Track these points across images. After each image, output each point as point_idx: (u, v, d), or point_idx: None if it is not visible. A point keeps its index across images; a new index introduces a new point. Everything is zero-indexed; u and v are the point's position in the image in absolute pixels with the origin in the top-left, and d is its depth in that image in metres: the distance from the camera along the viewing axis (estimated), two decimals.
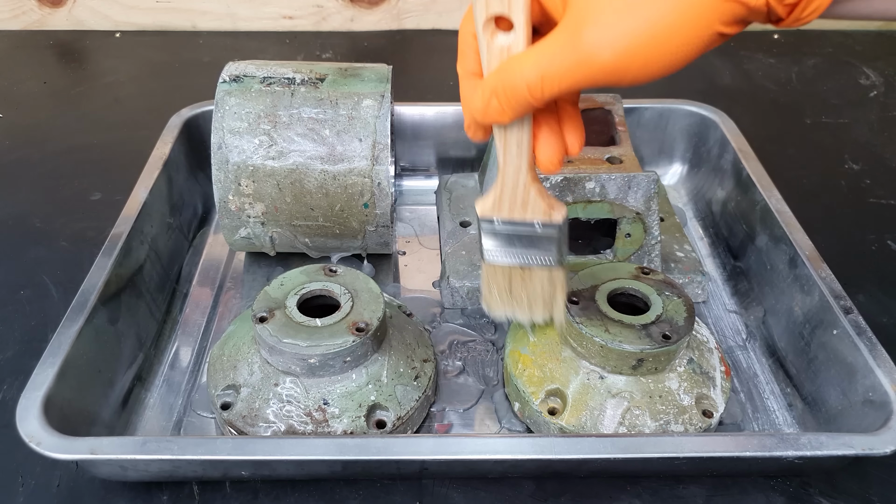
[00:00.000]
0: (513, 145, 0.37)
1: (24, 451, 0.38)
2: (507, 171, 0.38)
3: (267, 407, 0.43)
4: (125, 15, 0.99)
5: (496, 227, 0.41)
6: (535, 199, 0.39)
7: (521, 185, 0.39)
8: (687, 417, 0.44)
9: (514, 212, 0.40)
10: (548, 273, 0.43)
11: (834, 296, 0.47)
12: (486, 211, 0.41)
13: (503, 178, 0.39)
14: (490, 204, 0.40)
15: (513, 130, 0.36)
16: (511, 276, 0.43)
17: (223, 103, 0.53)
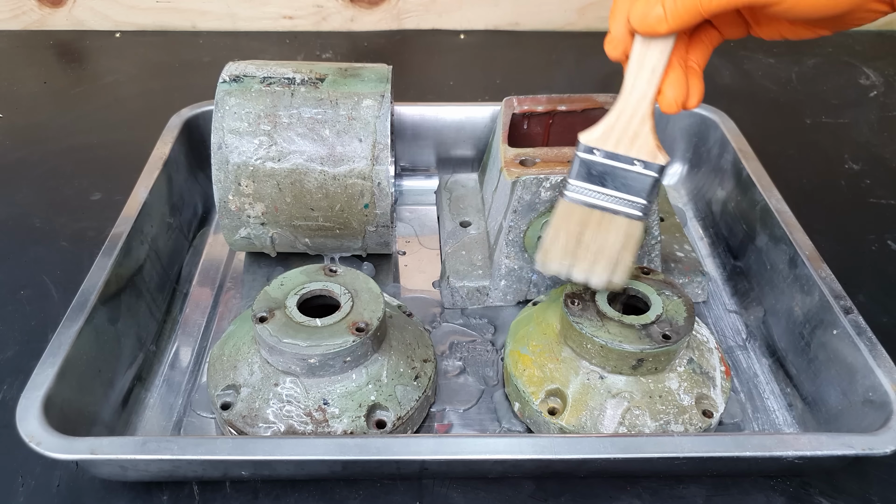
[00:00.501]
0: (647, 70, 0.38)
1: (24, 451, 0.38)
2: (631, 98, 0.39)
3: (267, 407, 0.43)
4: (125, 15, 0.99)
5: (595, 157, 0.40)
6: (646, 134, 0.40)
7: (638, 116, 0.39)
8: (687, 417, 0.44)
9: (621, 145, 0.40)
10: (626, 225, 0.42)
11: (834, 296, 0.47)
12: (592, 140, 0.40)
13: (623, 105, 0.39)
14: (599, 133, 0.40)
15: (654, 52, 0.38)
16: (587, 221, 0.42)
17: (223, 103, 0.53)
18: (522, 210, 0.52)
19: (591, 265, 0.43)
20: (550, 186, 0.51)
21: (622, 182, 0.41)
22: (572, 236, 0.43)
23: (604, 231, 0.42)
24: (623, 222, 0.42)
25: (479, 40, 1.00)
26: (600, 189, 0.41)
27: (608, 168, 0.41)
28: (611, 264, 0.43)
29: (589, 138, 0.40)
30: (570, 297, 0.46)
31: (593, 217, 0.42)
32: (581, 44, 0.99)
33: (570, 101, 0.61)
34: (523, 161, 0.56)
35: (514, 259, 0.54)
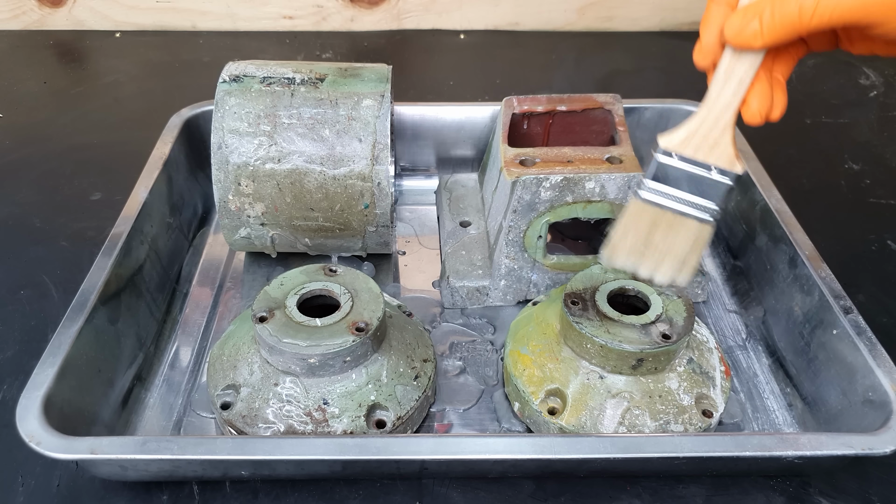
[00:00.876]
0: (734, 81, 0.38)
1: (24, 451, 0.38)
2: (716, 107, 0.39)
3: (267, 407, 0.43)
4: (125, 15, 0.99)
5: (672, 161, 0.41)
6: (726, 143, 0.40)
7: (721, 124, 0.40)
8: (687, 417, 0.44)
9: (700, 151, 0.40)
10: (697, 228, 0.42)
11: (834, 296, 0.47)
12: (672, 144, 0.41)
13: (707, 113, 0.39)
14: (680, 138, 0.40)
15: (743, 64, 0.38)
16: (658, 221, 0.42)
17: (223, 103, 0.53)
18: (522, 210, 0.52)
19: (658, 264, 0.43)
20: (550, 186, 0.51)
21: (697, 186, 0.41)
22: (641, 235, 0.43)
23: (674, 232, 0.42)
24: (693, 225, 0.42)
25: (479, 40, 1.00)
26: (674, 191, 0.41)
27: (684, 172, 0.41)
28: (678, 264, 0.43)
29: (669, 142, 0.41)
30: (570, 297, 0.46)
31: (665, 218, 0.42)
32: (581, 44, 0.99)
33: (570, 101, 0.61)
34: (523, 161, 0.56)
35: (514, 259, 0.54)
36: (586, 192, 0.52)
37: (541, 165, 0.55)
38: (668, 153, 0.41)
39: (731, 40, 0.37)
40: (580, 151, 0.56)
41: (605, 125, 0.61)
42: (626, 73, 0.92)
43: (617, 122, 0.60)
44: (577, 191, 0.51)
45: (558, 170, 0.53)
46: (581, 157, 0.56)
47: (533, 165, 0.55)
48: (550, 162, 0.55)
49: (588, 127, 0.62)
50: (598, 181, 0.51)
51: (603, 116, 0.61)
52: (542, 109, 0.61)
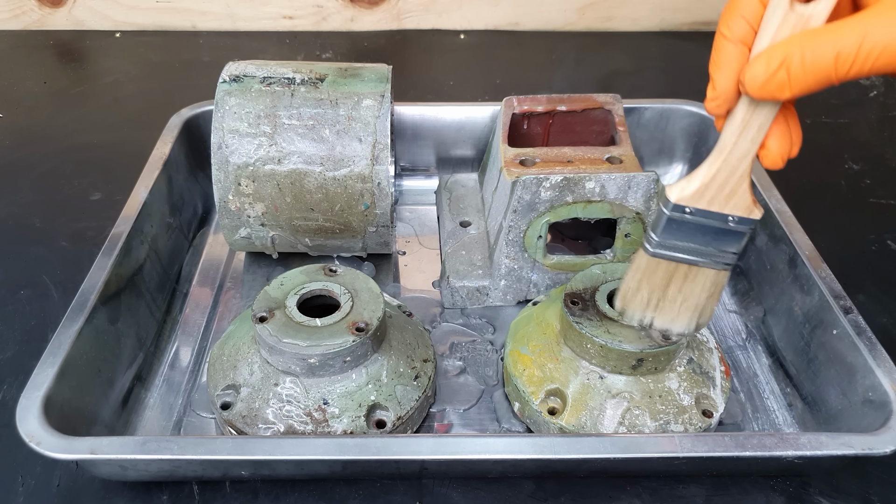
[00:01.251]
0: (753, 128, 0.35)
1: (24, 451, 0.38)
2: (732, 156, 0.36)
3: (267, 407, 0.43)
4: (125, 15, 0.99)
5: (684, 216, 0.38)
6: (744, 192, 0.37)
7: (738, 174, 0.36)
8: (687, 417, 0.44)
9: (715, 202, 0.37)
10: (714, 276, 0.40)
11: (834, 296, 0.47)
12: (685, 198, 0.37)
13: (722, 163, 0.36)
14: (693, 191, 0.37)
15: (763, 111, 0.34)
16: (673, 274, 0.40)
17: (223, 103, 0.53)
18: (522, 210, 0.52)
19: (675, 315, 0.42)
20: (550, 186, 0.51)
21: (712, 237, 0.38)
22: (656, 290, 0.41)
23: (689, 283, 0.40)
24: (711, 273, 0.40)
25: (479, 40, 1.00)
26: (689, 244, 0.39)
27: (699, 225, 0.38)
28: (695, 312, 0.41)
29: (680, 196, 0.37)
30: (570, 297, 0.46)
31: (679, 271, 0.40)
32: (581, 44, 0.99)
33: (570, 101, 0.61)
34: (523, 161, 0.56)
35: (514, 259, 0.54)
36: (586, 192, 0.52)
37: (541, 165, 0.55)
38: (681, 208, 0.38)
39: (753, 92, 0.33)
40: (580, 151, 0.56)
41: (605, 125, 0.61)
42: (626, 73, 0.92)
43: (617, 122, 0.60)
44: (577, 191, 0.51)
45: (558, 170, 0.53)
46: (581, 157, 0.56)
47: (533, 165, 0.55)
48: (550, 162, 0.55)
49: (588, 127, 0.62)
50: (598, 181, 0.51)
51: (603, 116, 0.61)
52: (542, 109, 0.61)
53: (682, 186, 0.37)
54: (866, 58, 0.30)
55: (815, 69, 0.31)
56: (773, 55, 0.31)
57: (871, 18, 0.30)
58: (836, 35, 0.30)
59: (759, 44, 0.33)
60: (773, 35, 0.32)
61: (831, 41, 0.30)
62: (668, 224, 0.38)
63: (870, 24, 0.30)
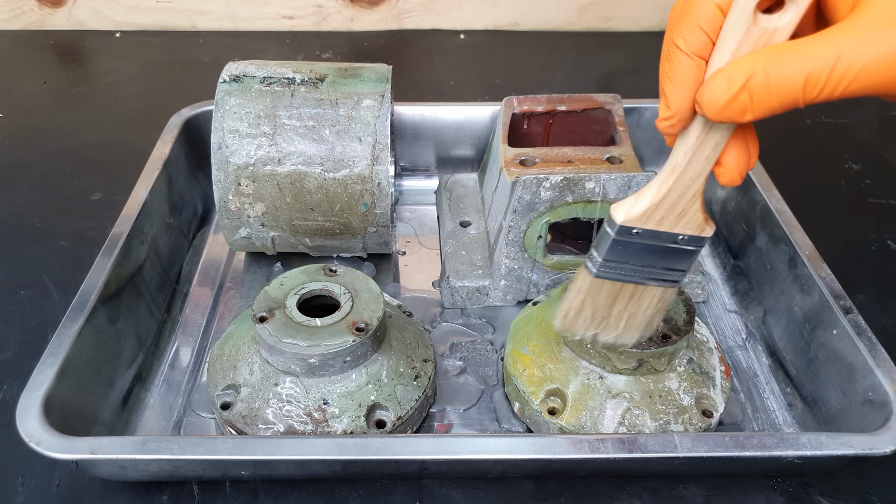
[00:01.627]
0: (708, 148, 0.32)
1: (24, 451, 0.38)
2: (685, 176, 0.33)
3: (267, 407, 0.43)
4: (125, 15, 0.99)
5: (631, 238, 0.36)
6: (695, 210, 0.35)
7: (690, 193, 0.34)
8: (687, 417, 0.44)
9: (665, 222, 0.35)
10: (661, 293, 0.39)
11: (834, 296, 0.47)
12: (633, 219, 0.35)
13: (674, 182, 0.34)
14: (640, 211, 0.35)
15: (719, 130, 0.32)
16: (618, 294, 0.38)
17: (223, 103, 0.53)
18: (522, 210, 0.52)
19: (620, 331, 0.41)
20: (550, 186, 0.51)
21: (661, 256, 0.37)
22: (600, 309, 0.40)
23: (636, 301, 0.39)
24: (658, 291, 0.39)
25: (479, 40, 1.00)
26: (636, 264, 0.37)
27: (646, 245, 0.36)
28: (642, 327, 0.40)
29: (628, 217, 0.35)
30: None
31: (625, 290, 0.38)
32: (581, 44, 0.99)
33: (570, 101, 0.61)
34: (523, 161, 0.56)
35: (514, 259, 0.54)
36: (586, 192, 0.52)
37: (541, 165, 0.55)
38: (628, 229, 0.35)
39: (711, 115, 0.29)
40: (580, 151, 0.56)
41: (605, 125, 0.61)
42: (626, 73, 0.92)
43: (617, 122, 0.60)
44: (577, 191, 0.51)
45: (558, 170, 0.53)
46: (581, 157, 0.56)
47: (533, 165, 0.55)
48: (550, 162, 0.55)
49: (588, 127, 0.62)
50: (598, 181, 0.51)
51: (603, 116, 0.61)
52: (542, 109, 0.61)
53: (630, 206, 0.35)
54: (840, 80, 0.27)
55: (781, 91, 0.27)
56: (734, 74, 0.28)
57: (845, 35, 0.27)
58: (806, 53, 0.27)
59: (718, 58, 0.29)
60: (734, 50, 0.29)
61: (800, 60, 0.27)
62: (614, 245, 0.36)
63: (844, 41, 0.26)
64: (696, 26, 0.29)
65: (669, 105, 0.31)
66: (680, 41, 0.30)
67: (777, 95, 0.28)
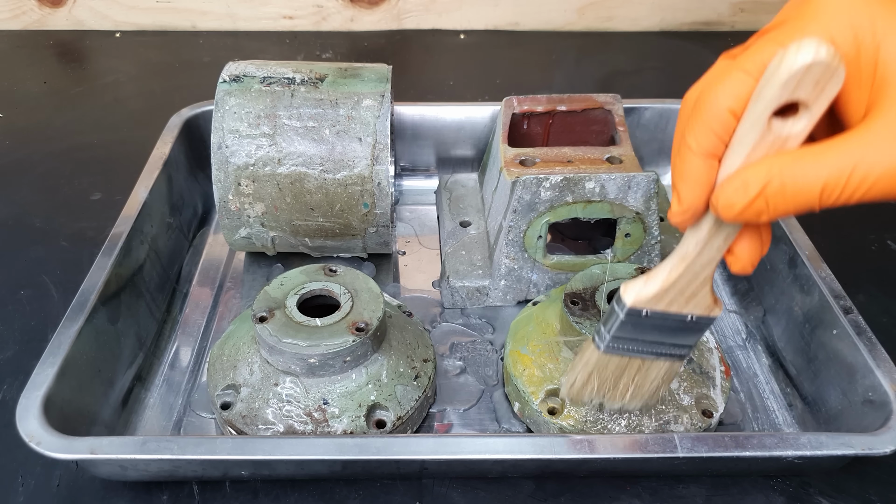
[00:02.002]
0: (719, 239, 0.33)
1: (24, 451, 0.38)
2: (695, 264, 0.34)
3: (267, 407, 0.43)
4: (125, 15, 0.99)
5: (640, 318, 0.36)
6: (705, 293, 0.36)
7: (700, 279, 0.35)
8: (687, 417, 0.44)
9: (675, 304, 0.36)
10: (668, 366, 0.40)
11: (834, 295, 0.47)
12: (642, 301, 0.36)
13: (684, 269, 0.34)
14: (650, 295, 0.35)
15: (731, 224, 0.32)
16: (625, 368, 0.39)
17: (223, 103, 0.53)
18: (522, 210, 0.52)
19: (626, 400, 0.42)
20: (550, 186, 0.51)
21: (669, 334, 0.37)
22: (607, 381, 0.40)
23: (643, 373, 0.40)
24: (665, 364, 0.40)
25: (479, 40, 1.00)
26: (644, 341, 0.38)
27: (655, 324, 0.37)
28: (646, 396, 0.42)
29: (637, 299, 0.35)
30: (570, 297, 0.46)
31: (633, 364, 0.39)
32: (581, 44, 0.99)
33: (570, 101, 0.61)
34: (523, 161, 0.56)
35: (514, 259, 0.54)
36: (586, 192, 0.52)
37: (541, 165, 0.55)
38: (637, 311, 0.36)
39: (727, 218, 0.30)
40: (580, 151, 0.56)
41: (605, 125, 0.61)
42: (626, 73, 0.92)
43: (617, 122, 0.60)
44: (577, 191, 0.51)
45: (558, 170, 0.53)
46: (581, 157, 0.56)
47: (533, 165, 0.55)
48: (550, 162, 0.55)
49: (588, 127, 0.62)
50: (598, 181, 0.51)
51: (603, 116, 0.61)
52: (542, 109, 0.61)
53: (639, 289, 0.35)
54: (856, 188, 0.27)
55: (798, 198, 0.28)
56: (750, 181, 0.28)
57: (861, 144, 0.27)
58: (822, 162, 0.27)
59: (731, 160, 0.29)
60: (748, 154, 0.29)
61: (816, 169, 0.27)
62: (623, 324, 0.37)
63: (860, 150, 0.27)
64: (709, 129, 0.29)
65: (682, 202, 0.31)
66: (693, 142, 0.30)
67: (793, 202, 0.28)
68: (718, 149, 0.30)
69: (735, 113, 0.29)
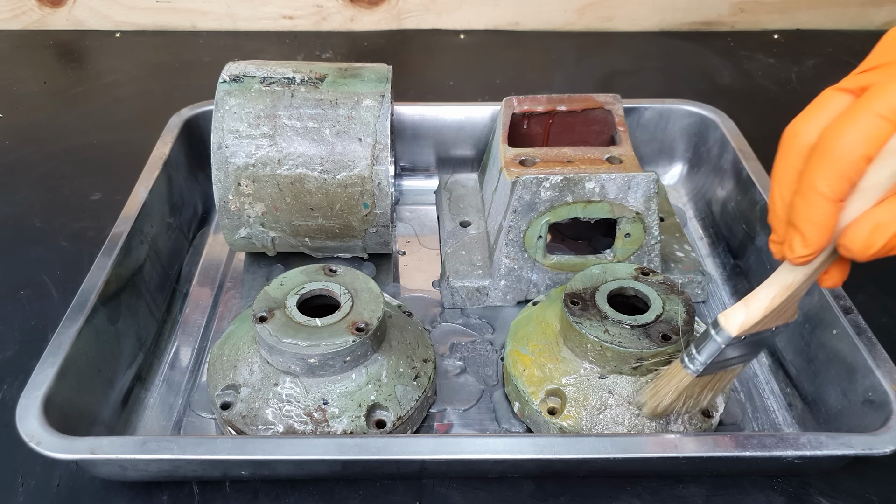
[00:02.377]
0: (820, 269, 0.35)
1: (24, 451, 0.38)
2: (798, 292, 0.36)
3: (267, 407, 0.43)
4: (125, 15, 0.99)
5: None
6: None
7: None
8: (687, 417, 0.44)
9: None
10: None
11: (833, 295, 0.47)
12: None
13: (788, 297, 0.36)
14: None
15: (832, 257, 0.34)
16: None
17: (223, 103, 0.53)
18: (522, 210, 0.52)
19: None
20: (550, 186, 0.51)
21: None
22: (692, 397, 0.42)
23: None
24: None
25: (479, 40, 1.00)
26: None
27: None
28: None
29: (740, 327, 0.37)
30: (570, 297, 0.46)
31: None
32: (581, 44, 0.99)
33: (569, 101, 0.61)
34: (523, 161, 0.56)
35: (514, 259, 0.54)
36: (586, 192, 0.52)
37: (541, 165, 0.55)
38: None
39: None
40: (580, 151, 0.56)
41: (605, 125, 0.61)
42: (626, 73, 0.92)
43: (617, 122, 0.60)
44: (577, 191, 0.51)
45: (558, 170, 0.53)
46: (581, 157, 0.56)
47: (533, 165, 0.55)
48: (550, 162, 0.55)
49: (588, 127, 0.62)
50: (598, 181, 0.51)
51: (603, 116, 0.61)
52: (542, 109, 0.61)
53: (742, 319, 0.37)
54: None
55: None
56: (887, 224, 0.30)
57: None
58: None
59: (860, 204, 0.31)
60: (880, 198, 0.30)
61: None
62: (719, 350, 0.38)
63: None
64: (844, 177, 0.30)
65: (809, 245, 0.32)
66: (825, 189, 0.30)
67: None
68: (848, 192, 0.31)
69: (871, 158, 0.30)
